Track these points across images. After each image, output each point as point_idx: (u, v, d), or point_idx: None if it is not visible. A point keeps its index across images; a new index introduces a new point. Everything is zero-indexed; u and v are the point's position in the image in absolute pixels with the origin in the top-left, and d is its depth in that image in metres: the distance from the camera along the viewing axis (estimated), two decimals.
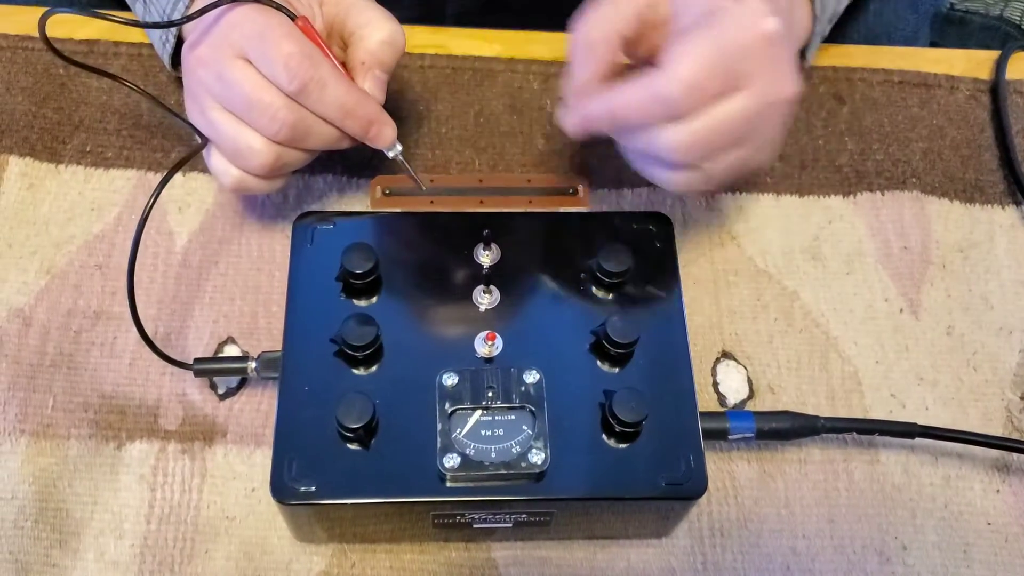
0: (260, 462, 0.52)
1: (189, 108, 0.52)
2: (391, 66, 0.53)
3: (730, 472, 0.53)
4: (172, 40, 0.57)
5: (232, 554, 0.49)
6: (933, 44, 0.85)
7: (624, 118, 0.47)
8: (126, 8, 0.64)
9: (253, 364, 0.51)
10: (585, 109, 0.48)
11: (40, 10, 0.66)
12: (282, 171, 0.52)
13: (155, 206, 0.59)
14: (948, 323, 0.58)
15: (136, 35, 0.65)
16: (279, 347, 0.49)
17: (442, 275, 0.51)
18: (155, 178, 0.60)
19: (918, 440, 0.53)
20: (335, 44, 0.54)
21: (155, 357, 0.54)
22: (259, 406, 0.53)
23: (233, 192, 0.54)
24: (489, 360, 0.48)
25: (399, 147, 0.53)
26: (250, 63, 0.49)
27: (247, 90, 0.48)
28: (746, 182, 0.62)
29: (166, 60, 0.59)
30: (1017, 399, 0.56)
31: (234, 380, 0.54)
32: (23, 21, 0.66)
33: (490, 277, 0.50)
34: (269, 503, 0.50)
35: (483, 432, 0.46)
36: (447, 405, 0.46)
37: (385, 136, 0.52)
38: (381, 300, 0.50)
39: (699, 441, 0.47)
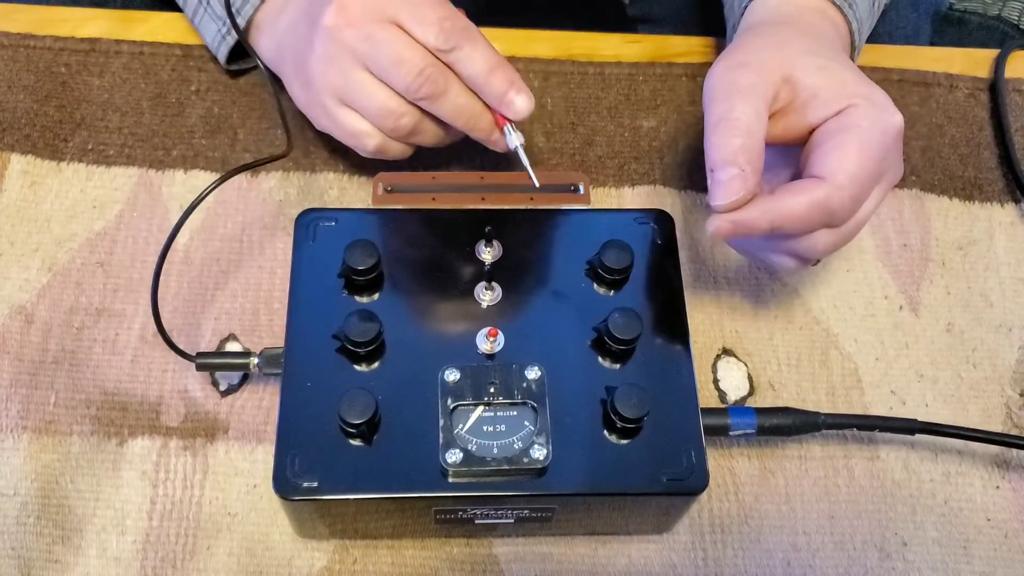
0: (262, 458, 0.52)
1: (324, 73, 0.52)
2: None
3: (731, 468, 0.53)
4: (234, 34, 0.58)
5: (234, 550, 0.50)
6: (931, 43, 0.85)
7: (786, 228, 0.47)
8: (171, 7, 0.65)
9: (255, 360, 0.51)
10: (741, 216, 0.46)
11: (41, 8, 0.66)
12: (419, 137, 0.54)
13: (156, 204, 0.60)
14: (948, 320, 0.58)
15: (138, 33, 0.65)
16: (281, 344, 0.49)
17: (444, 272, 0.51)
18: (157, 175, 0.60)
19: (918, 436, 0.53)
20: None
21: (157, 354, 0.54)
22: (261, 403, 0.53)
23: (373, 155, 0.54)
24: (491, 356, 0.48)
25: (523, 137, 0.53)
26: (400, 26, 0.50)
27: (396, 48, 0.50)
28: None
29: (223, 54, 0.60)
30: (1016, 396, 0.56)
31: (236, 377, 0.54)
32: (25, 19, 0.66)
33: (492, 274, 0.50)
34: (271, 499, 0.51)
35: (485, 428, 0.46)
36: (449, 401, 0.46)
37: (521, 103, 0.52)
38: (383, 296, 0.50)
39: (700, 437, 0.47)
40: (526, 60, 0.66)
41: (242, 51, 0.61)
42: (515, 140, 0.53)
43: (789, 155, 0.50)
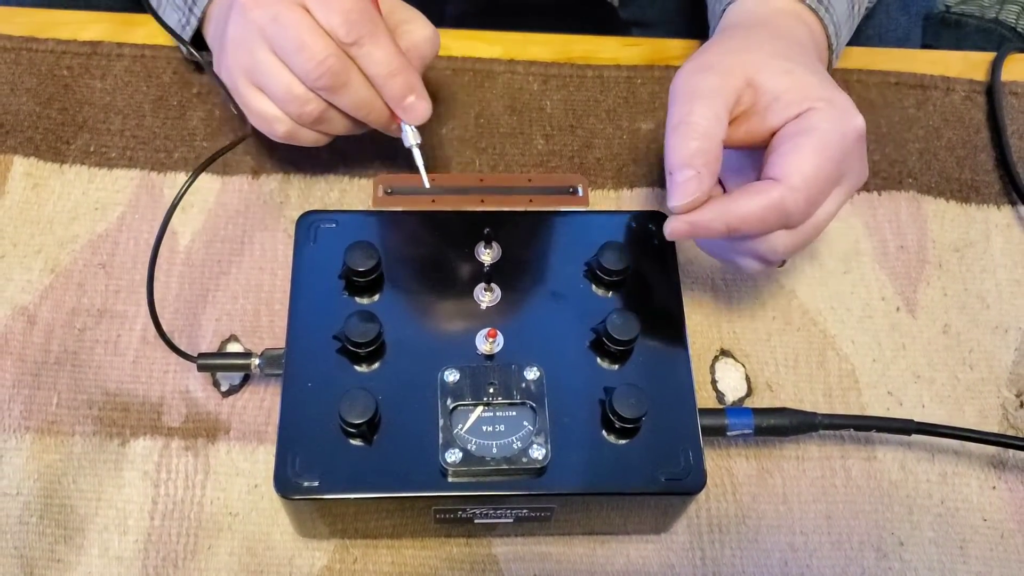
0: (263, 459, 0.52)
1: (234, 52, 0.52)
2: (428, 61, 0.55)
3: (728, 469, 0.53)
4: (195, 22, 0.58)
5: (235, 550, 0.50)
6: (928, 46, 0.86)
7: (742, 230, 0.47)
8: (137, 9, 0.65)
9: (256, 361, 0.51)
10: (696, 217, 0.47)
11: (43, 11, 0.67)
12: (327, 126, 0.53)
13: (158, 206, 0.60)
14: (944, 321, 0.59)
15: (140, 36, 0.66)
16: (282, 345, 0.49)
17: (444, 273, 0.51)
18: (158, 178, 0.61)
19: (915, 437, 0.53)
20: None
21: (159, 355, 0.54)
22: (262, 403, 0.54)
23: (284, 140, 0.54)
24: (490, 357, 0.48)
25: (419, 137, 0.53)
26: (307, 11, 0.50)
27: (300, 32, 0.49)
28: None
29: (186, 39, 0.60)
30: (1013, 397, 0.57)
31: (237, 377, 0.54)
32: (27, 23, 0.66)
33: (491, 275, 0.51)
34: (272, 499, 0.51)
35: (484, 428, 0.46)
36: (449, 401, 0.46)
37: (419, 109, 0.52)
38: (383, 298, 0.50)
39: (698, 437, 0.47)
40: (525, 63, 0.67)
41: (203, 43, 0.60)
42: (411, 139, 0.53)
43: (756, 158, 0.50)
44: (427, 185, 0.53)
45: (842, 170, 0.48)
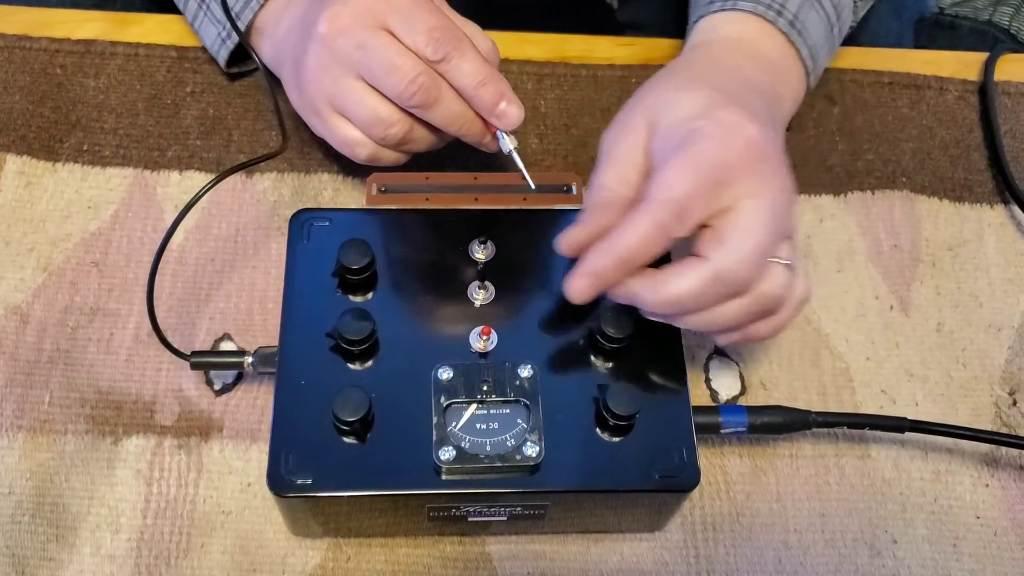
0: (256, 457, 0.52)
1: (317, 81, 0.52)
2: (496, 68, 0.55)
3: (722, 467, 0.53)
4: (234, 37, 0.58)
5: (228, 548, 0.50)
6: (922, 48, 0.86)
7: (634, 256, 0.45)
8: (169, 9, 0.65)
9: (250, 359, 0.51)
10: (591, 263, 0.46)
11: (36, 10, 0.67)
12: (411, 145, 0.54)
13: (151, 204, 0.60)
14: (938, 320, 0.59)
15: (133, 35, 0.66)
16: (275, 343, 0.49)
17: (437, 271, 0.51)
18: (152, 176, 0.61)
19: (908, 435, 0.53)
20: None
21: (151, 353, 0.54)
22: (255, 402, 0.54)
23: (366, 163, 0.54)
24: (484, 355, 0.48)
25: (516, 141, 0.54)
26: (392, 33, 0.50)
27: (389, 55, 0.50)
28: None
29: (223, 57, 0.61)
30: (1006, 395, 0.57)
31: (230, 376, 0.54)
32: (21, 21, 0.66)
33: (485, 273, 0.51)
34: (265, 498, 0.51)
35: (478, 425, 0.46)
36: (442, 399, 0.46)
37: (512, 114, 0.52)
38: (377, 296, 0.50)
39: (691, 434, 0.47)
40: (519, 62, 0.67)
41: (241, 54, 0.61)
42: (509, 144, 0.54)
43: None
44: (532, 186, 0.53)
45: (725, 178, 0.45)
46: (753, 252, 0.45)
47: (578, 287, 0.46)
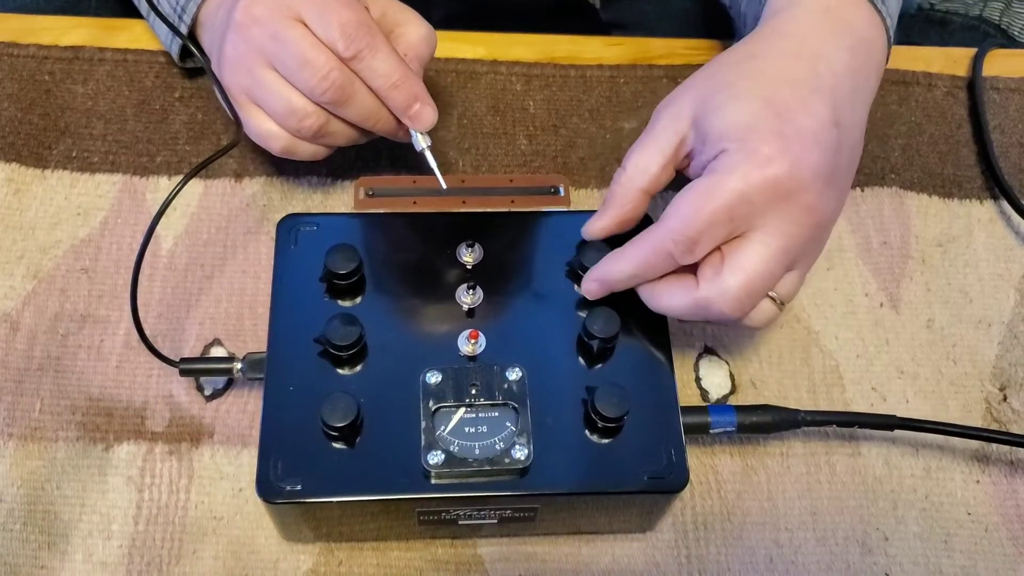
0: (247, 462, 0.52)
1: (232, 71, 0.52)
2: (427, 61, 0.55)
3: (713, 466, 0.53)
4: (185, 29, 0.57)
5: (220, 554, 0.50)
6: (913, 44, 0.86)
7: (636, 274, 0.48)
8: (131, 13, 0.64)
9: (239, 365, 0.51)
10: (601, 272, 0.49)
11: (24, 17, 0.66)
12: (329, 138, 0.53)
13: (140, 210, 0.60)
14: (928, 316, 0.59)
15: (122, 40, 0.66)
16: (264, 349, 0.49)
17: (425, 275, 0.51)
18: (141, 182, 0.61)
19: (899, 432, 0.53)
20: None
21: (142, 360, 0.54)
22: (245, 407, 0.54)
23: (281, 155, 0.54)
24: (472, 358, 0.48)
25: (429, 140, 0.53)
26: (306, 25, 0.50)
27: (302, 48, 0.49)
28: None
29: (175, 50, 0.60)
30: (996, 391, 0.57)
31: (220, 382, 0.54)
32: (8, 28, 0.66)
33: (473, 276, 0.51)
34: (256, 503, 0.51)
35: (467, 429, 0.46)
36: (431, 403, 0.46)
37: (426, 116, 0.52)
38: (365, 300, 0.50)
39: (680, 435, 0.47)
40: (508, 63, 0.67)
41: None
42: (421, 143, 0.53)
43: None
44: (444, 186, 0.53)
45: (741, 214, 0.44)
46: (743, 291, 0.45)
47: (589, 289, 0.50)
